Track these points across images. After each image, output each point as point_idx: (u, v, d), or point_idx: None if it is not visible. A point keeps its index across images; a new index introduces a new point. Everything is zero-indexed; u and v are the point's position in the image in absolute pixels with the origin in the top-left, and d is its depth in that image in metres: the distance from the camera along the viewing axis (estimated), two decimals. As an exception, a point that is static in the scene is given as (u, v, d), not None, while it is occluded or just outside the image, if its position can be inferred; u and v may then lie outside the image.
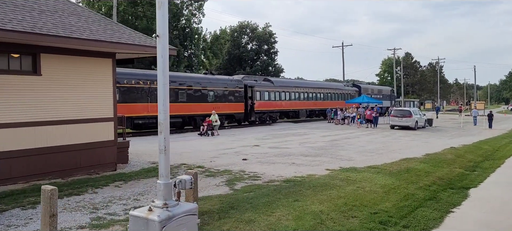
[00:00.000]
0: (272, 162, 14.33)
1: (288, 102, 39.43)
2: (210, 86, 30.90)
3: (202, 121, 27.92)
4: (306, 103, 42.08)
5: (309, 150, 17.74)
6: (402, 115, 32.05)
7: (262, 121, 36.14)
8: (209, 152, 16.94)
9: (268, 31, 61.60)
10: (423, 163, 14.76)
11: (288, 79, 48.39)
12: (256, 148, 18.61)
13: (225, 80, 33.26)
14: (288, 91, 39.49)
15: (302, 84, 43.73)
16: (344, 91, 49.72)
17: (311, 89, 43.41)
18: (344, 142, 21.57)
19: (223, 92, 31.93)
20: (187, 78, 30.26)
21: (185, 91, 28.69)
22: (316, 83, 47.74)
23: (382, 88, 59.92)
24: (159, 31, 4.88)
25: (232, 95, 32.73)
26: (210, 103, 30.11)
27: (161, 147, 4.99)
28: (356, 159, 15.45)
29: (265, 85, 37.07)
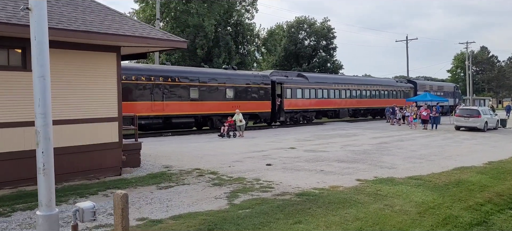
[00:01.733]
0: (298, 168, 12.65)
1: (326, 100, 35.89)
2: (229, 83, 27.96)
3: (219, 121, 26.18)
4: (348, 101, 38.37)
5: (349, 155, 15.78)
6: (469, 115, 28.68)
7: (294, 121, 33.23)
8: (235, 154, 15.56)
9: (327, 26, 59.15)
10: (481, 173, 12.35)
11: (325, 74, 43.93)
12: (290, 151, 16.96)
13: (248, 76, 30.04)
14: (325, 88, 35.89)
15: (343, 80, 39.65)
16: (396, 88, 45.14)
17: (355, 86, 39.59)
18: (394, 145, 19.26)
19: (246, 89, 28.95)
20: (200, 73, 27.16)
21: (197, 88, 25.95)
22: (361, 79, 43.27)
23: (443, 84, 54.74)
24: (31, 2, 3.54)
25: (256, 92, 29.68)
26: (229, 102, 27.58)
27: (40, 164, 3.67)
28: (399, 166, 13.32)
29: (298, 81, 33.62)
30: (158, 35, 10.76)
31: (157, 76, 23.64)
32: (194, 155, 15.39)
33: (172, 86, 24.43)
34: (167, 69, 25.62)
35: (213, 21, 40.27)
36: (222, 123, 25.50)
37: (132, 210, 7.82)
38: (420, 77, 53.23)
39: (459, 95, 54.85)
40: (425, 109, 28.32)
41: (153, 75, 23.56)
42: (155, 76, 23.56)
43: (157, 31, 11.00)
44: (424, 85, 49.12)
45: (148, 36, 10.53)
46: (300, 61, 56.84)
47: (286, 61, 57.65)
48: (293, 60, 57.81)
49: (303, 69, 53.67)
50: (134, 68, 23.17)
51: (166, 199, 8.70)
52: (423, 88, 47.64)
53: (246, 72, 31.67)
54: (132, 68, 23.26)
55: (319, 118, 36.59)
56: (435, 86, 51.36)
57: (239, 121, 23.69)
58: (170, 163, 13.47)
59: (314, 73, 42.29)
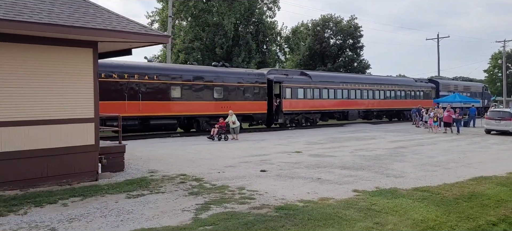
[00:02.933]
0: (294, 175, 11.52)
1: (333, 101, 33.02)
2: (217, 81, 25.80)
3: (207, 123, 24.67)
4: (359, 102, 35.46)
5: (357, 161, 14.49)
6: (500, 117, 26.62)
7: (296, 123, 30.76)
8: (232, 159, 14.55)
9: (354, 24, 57.26)
10: (502, 185, 10.86)
11: (332, 73, 40.27)
12: (294, 155, 15.81)
13: (240, 74, 27.69)
14: (332, 88, 33.01)
15: (352, 79, 36.38)
16: (414, 88, 41.79)
17: (366, 85, 36.46)
18: (411, 150, 17.78)
19: (237, 88, 26.75)
20: (183, 71, 25.13)
21: (179, 87, 23.87)
22: (374, 78, 39.87)
23: (470, 84, 50.86)
24: None
25: (250, 92, 27.40)
26: (217, 102, 25.57)
27: None
28: (409, 175, 11.98)
29: (299, 80, 30.94)
30: (135, 29, 9.88)
31: (132, 74, 22.00)
32: (188, 158, 14.50)
33: (149, 85, 22.72)
34: (144, 66, 23.84)
35: (233, 20, 39.42)
36: (210, 124, 24.21)
37: (80, 224, 6.97)
38: (444, 77, 49.75)
39: (488, 96, 51.23)
40: (448, 111, 26.27)
41: (127, 72, 21.95)
42: (129, 74, 21.94)
43: (135, 24, 10.12)
44: (447, 85, 45.85)
45: (122, 30, 9.67)
46: (325, 61, 55.26)
47: (311, 61, 56.19)
48: (318, 60, 56.29)
49: (328, 69, 52.16)
50: (105, 64, 20.21)
51: (127, 211, 7.79)
52: (447, 88, 44.65)
53: (238, 70, 29.32)
54: (103, 65, 20.58)
55: (325, 120, 34.32)
56: (460, 86, 47.86)
57: (232, 123, 22.16)
58: (158, 167, 12.61)
59: (318, 71, 38.91)
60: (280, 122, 29.40)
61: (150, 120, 22.68)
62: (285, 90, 29.40)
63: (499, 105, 55.38)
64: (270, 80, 28.92)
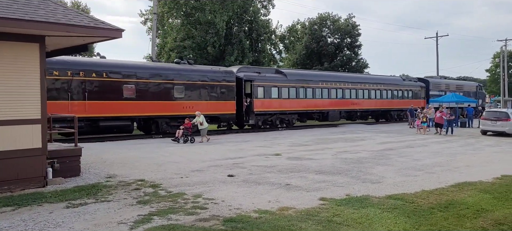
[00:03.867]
0: (262, 181, 10.68)
1: (311, 101, 31.06)
2: (178, 79, 23.81)
3: (167, 124, 23.09)
4: (340, 102, 33.44)
5: (337, 164, 13.65)
6: (496, 118, 25.70)
7: (269, 124, 28.87)
8: (202, 162, 13.74)
9: (351, 23, 56.28)
10: (485, 192, 9.99)
11: (310, 71, 38.06)
12: (271, 158, 14.97)
13: (205, 72, 25.60)
14: (310, 86, 30.94)
15: (332, 78, 34.17)
16: (402, 87, 39.68)
17: (349, 84, 34.36)
18: (398, 152, 16.92)
19: (202, 87, 24.80)
20: (138, 68, 23.00)
21: (134, 85, 22.03)
22: (356, 77, 37.66)
23: (463, 83, 48.93)
24: None
25: (216, 91, 25.48)
26: (178, 102, 23.68)
27: None
28: (387, 180, 11.13)
29: (273, 78, 28.92)
30: (83, 22, 9.07)
31: (76, 71, 20.16)
32: (156, 161, 13.70)
33: (97, 83, 20.94)
34: (90, 62, 22.00)
35: (225, 18, 38.60)
36: (170, 126, 22.88)
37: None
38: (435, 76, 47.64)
39: (483, 96, 49.43)
40: (440, 112, 25.22)
41: (70, 69, 20.08)
42: (74, 71, 20.12)
43: (84, 17, 9.31)
44: (438, 84, 43.99)
45: (68, 22, 8.86)
46: (322, 60, 54.33)
47: (308, 60, 55.25)
48: (315, 59, 55.36)
49: (325, 68, 51.23)
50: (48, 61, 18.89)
51: (55, 224, 6.98)
52: (438, 87, 42.94)
53: (203, 67, 27.17)
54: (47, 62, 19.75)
55: (304, 121, 32.26)
56: (452, 85, 45.75)
57: (199, 124, 20.88)
58: (119, 171, 11.82)
59: (295, 70, 36.37)
60: (251, 123, 27.60)
61: (99, 122, 20.90)
62: (257, 89, 27.56)
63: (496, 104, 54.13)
64: (239, 79, 27.12)
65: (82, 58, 20.94)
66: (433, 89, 42.28)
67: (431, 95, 41.09)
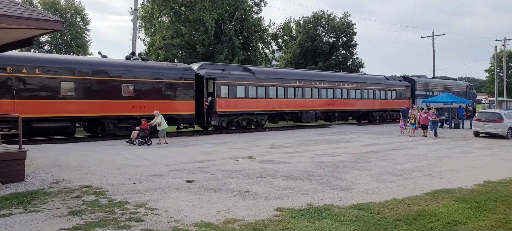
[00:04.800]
0: (221, 188, 9.83)
1: (283, 101, 28.97)
2: (127, 76, 21.74)
3: (114, 125, 21.31)
4: (315, 102, 31.25)
5: (310, 168, 12.79)
6: (489, 119, 24.82)
7: (235, 125, 26.99)
8: (165, 166, 12.88)
9: (347, 22, 55.32)
10: (462, 201, 9.12)
11: (282, 69, 35.41)
12: (243, 161, 14.11)
13: (159, 69, 23.55)
14: (282, 85, 28.87)
15: (306, 76, 31.84)
16: (385, 87, 37.26)
17: (325, 83, 32.16)
18: (380, 155, 16.06)
19: (155, 84, 22.76)
20: (78, 63, 20.90)
21: (73, 83, 20.00)
22: (334, 76, 35.19)
23: (452, 83, 46.83)
24: None
25: (172, 89, 23.41)
26: (127, 101, 21.63)
27: None
28: (358, 187, 10.28)
29: (239, 76, 26.99)
30: (16, 12, 8.20)
31: (3, 67, 18.21)
32: (116, 165, 12.86)
33: (29, 80, 18.94)
34: (20, 57, 19.80)
35: (215, 15, 37.74)
36: (118, 128, 21.36)
37: None
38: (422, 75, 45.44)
39: (473, 96, 47.50)
40: (425, 112, 24.22)
41: None
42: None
43: (18, 6, 8.45)
44: (425, 83, 41.98)
45: (-4, 14, 7.99)
46: (316, 59, 53.39)
47: (302, 59, 54.32)
48: (310, 58, 54.41)
49: (319, 67, 50.29)
50: None
51: (-42, 239, 6.14)
52: (424, 87, 41.14)
53: (156, 63, 25.06)
54: None
55: (275, 122, 30.04)
56: (440, 85, 43.74)
57: (158, 125, 19.62)
58: (70, 175, 10.98)
59: (264, 67, 33.67)
60: (214, 124, 25.72)
61: (31, 123, 18.78)
62: (220, 87, 25.62)
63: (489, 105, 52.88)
64: (200, 76, 25.04)
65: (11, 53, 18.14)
66: (419, 89, 40.55)
67: (417, 95, 39.61)
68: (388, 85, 37.94)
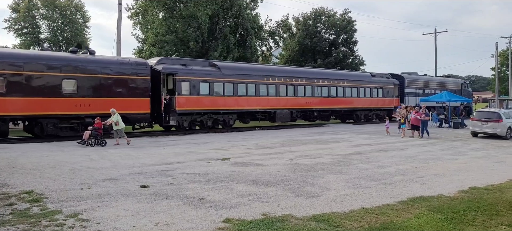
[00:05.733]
0: (174, 194, 9.00)
1: (254, 99, 26.80)
2: (69, 71, 19.78)
3: (55, 126, 19.50)
4: (291, 100, 29.05)
5: (283, 172, 11.91)
6: (487, 119, 23.75)
7: (200, 125, 25.08)
8: (127, 169, 12.05)
9: (347, 18, 54.15)
10: (437, 211, 8.21)
11: (252, 64, 32.38)
12: (214, 164, 13.25)
13: (107, 63, 21.35)
14: (252, 82, 26.77)
15: (281, 73, 29.43)
16: (370, 84, 34.90)
17: (303, 80, 29.90)
18: (365, 157, 15.13)
19: (103, 81, 20.68)
20: (8, 56, 19.09)
21: (3, 78, 18.12)
22: (313, 72, 32.68)
23: (446, 80, 44.79)
24: None
25: (123, 86, 21.30)
26: (70, 98, 19.70)
27: None
28: (328, 194, 9.39)
29: (202, 72, 24.74)
30: None
31: None
32: (73, 168, 12.04)
33: None
34: None
35: (209, 11, 36.87)
36: (59, 128, 19.62)
37: None
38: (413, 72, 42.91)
39: (469, 94, 45.51)
40: (416, 112, 23.07)
41: None
42: None
43: None
44: (415, 81, 39.68)
45: None
46: (316, 57, 52.32)
47: (302, 57, 53.28)
48: (310, 56, 53.34)
49: (318, 65, 49.23)
50: None
51: None
52: (414, 84, 39.15)
53: (106, 58, 22.66)
54: None
55: (246, 122, 27.87)
56: (432, 82, 41.61)
57: (114, 124, 18.05)
58: (16, 180, 10.20)
59: (232, 62, 31.17)
60: (173, 124, 23.68)
61: None
62: (181, 84, 23.51)
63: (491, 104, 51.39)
64: (156, 72, 23.03)
65: None
66: (409, 87, 38.52)
67: (407, 93, 37.75)
68: (374, 82, 35.70)
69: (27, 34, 49.57)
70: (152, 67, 23.14)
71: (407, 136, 23.29)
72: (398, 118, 24.09)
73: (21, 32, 49.71)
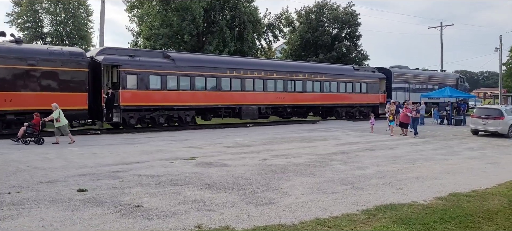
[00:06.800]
0: (107, 201, 8.03)
1: (215, 93, 24.51)
2: None
3: None
4: (259, 95, 26.68)
5: (246, 174, 10.89)
6: (487, 116, 22.45)
7: (151, 122, 22.82)
8: (78, 169, 11.10)
9: (351, 12, 52.72)
10: (403, 223, 7.13)
11: (212, 56, 29.21)
12: (178, 164, 12.25)
13: (33, 53, 19.05)
14: (212, 75, 24.42)
15: (247, 65, 26.99)
16: (352, 79, 32.45)
17: (272, 74, 27.45)
18: (346, 157, 14.04)
19: (26, 73, 18.46)
20: None
21: None
22: (286, 65, 30.33)
23: (439, 75, 42.01)
24: None
25: (54, 78, 19.17)
26: None
27: None
28: (285, 200, 8.36)
29: (152, 64, 22.43)
30: None
31: None
32: (20, 167, 11.14)
33: None
34: None
35: (204, 4, 35.86)
36: None
37: None
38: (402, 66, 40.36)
39: (465, 89, 42.99)
40: (406, 108, 21.67)
41: None
42: None
43: None
44: (404, 75, 37.11)
45: None
46: (318, 51, 51.01)
47: (304, 51, 52.00)
48: (312, 50, 52.05)
49: (320, 60, 47.96)
50: None
51: None
52: (403, 79, 36.84)
53: (33, 47, 20.52)
54: None
55: (208, 119, 25.75)
56: (424, 76, 39.10)
57: (55, 121, 16.55)
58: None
59: (189, 53, 28.89)
60: (116, 122, 21.51)
61: None
62: (126, 77, 21.22)
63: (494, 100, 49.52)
64: (96, 63, 20.78)
65: None
66: (397, 81, 36.18)
67: (394, 88, 35.55)
68: (357, 77, 33.10)
69: (29, 29, 49.23)
70: (93, 58, 21.09)
71: (397, 134, 21.98)
72: (387, 115, 22.69)
73: (24, 26, 49.39)
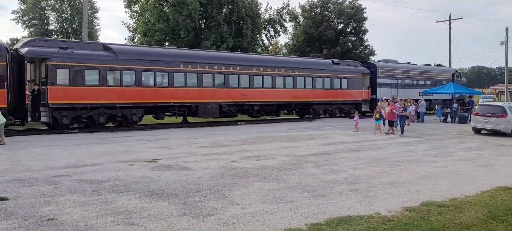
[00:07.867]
0: (21, 212, 7.14)
1: (166, 90, 22.36)
2: None
3: None
4: (220, 92, 24.42)
5: (202, 180, 9.93)
6: (489, 113, 21.09)
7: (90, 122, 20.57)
8: (18, 173, 10.23)
9: (356, 6, 51.26)
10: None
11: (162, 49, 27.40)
12: (134, 166, 11.33)
13: None
14: (162, 70, 22.20)
15: (204, 59, 24.52)
16: (331, 74, 29.95)
17: (235, 68, 25.15)
18: (324, 159, 12.98)
19: None
20: None
21: None
22: (251, 59, 27.89)
23: (432, 69, 39.17)
24: None
25: None
26: None
27: None
28: (228, 212, 7.39)
29: (88, 57, 20.16)
30: None
31: None
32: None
33: None
34: None
35: (201, -2, 34.96)
36: None
37: None
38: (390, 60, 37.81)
39: (464, 84, 40.50)
40: (392, 105, 20.31)
41: None
42: None
43: None
44: (390, 69, 34.53)
45: None
46: (322, 46, 49.72)
47: (308, 47, 50.75)
48: (316, 46, 50.77)
49: (324, 55, 46.67)
50: None
51: None
52: (390, 74, 34.32)
53: None
54: None
55: (161, 118, 23.34)
56: (414, 71, 36.58)
57: None
58: None
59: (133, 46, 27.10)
60: (44, 122, 19.58)
61: None
62: (56, 71, 19.01)
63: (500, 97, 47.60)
64: (20, 56, 18.71)
65: None
66: (383, 77, 33.76)
67: (380, 84, 33.41)
68: (336, 71, 30.48)
69: (35, 26, 49.07)
70: (17, 50, 19.04)
71: (383, 133, 20.66)
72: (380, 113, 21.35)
73: (30, 24, 49.28)
